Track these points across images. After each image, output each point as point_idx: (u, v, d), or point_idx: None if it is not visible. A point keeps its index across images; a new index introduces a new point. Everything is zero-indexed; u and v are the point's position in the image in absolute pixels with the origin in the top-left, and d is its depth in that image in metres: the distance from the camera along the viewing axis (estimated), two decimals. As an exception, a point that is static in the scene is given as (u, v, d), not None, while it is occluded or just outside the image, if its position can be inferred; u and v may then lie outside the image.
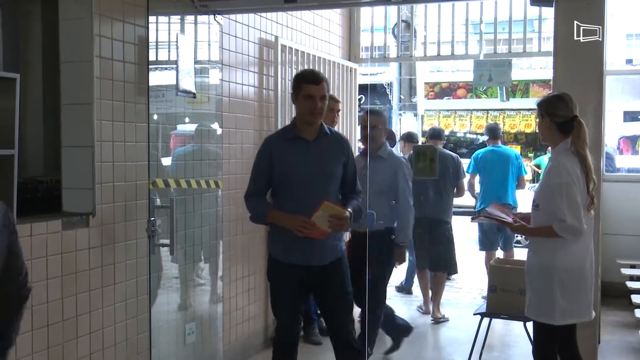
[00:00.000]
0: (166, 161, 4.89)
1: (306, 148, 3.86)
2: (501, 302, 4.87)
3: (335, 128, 6.05)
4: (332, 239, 3.89)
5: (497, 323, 5.38)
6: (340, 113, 5.88)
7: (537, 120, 3.95)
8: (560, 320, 3.71)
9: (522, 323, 4.89)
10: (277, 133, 4.23)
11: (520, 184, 7.73)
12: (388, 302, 5.58)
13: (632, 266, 6.98)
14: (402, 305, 7.17)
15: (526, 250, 3.99)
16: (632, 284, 6.31)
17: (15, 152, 3.21)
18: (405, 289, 7.96)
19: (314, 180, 3.82)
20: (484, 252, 7.84)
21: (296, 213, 3.73)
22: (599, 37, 4.22)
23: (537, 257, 3.78)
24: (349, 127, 7.17)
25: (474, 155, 8.01)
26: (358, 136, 7.51)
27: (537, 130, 4.07)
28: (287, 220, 3.79)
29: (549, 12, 4.58)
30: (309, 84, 3.78)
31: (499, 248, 7.75)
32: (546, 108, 3.82)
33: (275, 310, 4.10)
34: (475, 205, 7.86)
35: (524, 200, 7.84)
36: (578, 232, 3.63)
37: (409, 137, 7.82)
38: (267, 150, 3.92)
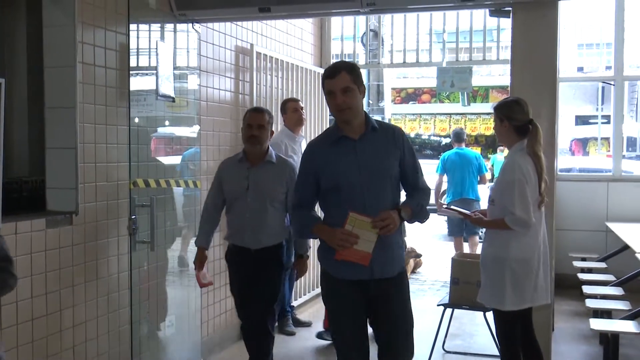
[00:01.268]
0: (176, 160, 5.05)
1: (352, 148, 3.22)
2: (463, 294, 4.90)
3: (304, 130, 6.07)
4: (396, 247, 3.26)
5: (459, 313, 5.40)
6: (304, 111, 5.86)
7: (494, 122, 3.96)
8: (510, 306, 3.75)
9: (482, 313, 4.92)
10: (319, 136, 3.56)
11: (481, 181, 8.30)
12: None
13: (583, 259, 7.06)
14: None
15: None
16: (583, 276, 6.38)
17: (1, 153, 3.15)
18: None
19: (364, 182, 3.17)
20: (451, 244, 8.71)
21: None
22: (553, 46, 4.26)
23: (492, 248, 3.82)
24: (319, 130, 7.15)
25: (441, 157, 8.57)
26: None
27: (494, 132, 4.08)
28: (326, 235, 3.20)
29: (506, 23, 4.61)
30: (327, 79, 3.22)
31: (463, 237, 8.46)
32: (505, 112, 3.85)
33: (337, 339, 3.35)
34: (439, 200, 8.36)
35: (485, 196, 8.08)
36: (526, 224, 3.69)
37: None
38: (310, 157, 3.36)
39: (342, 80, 3.14)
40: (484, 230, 4.08)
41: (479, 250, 8.14)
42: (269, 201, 4.15)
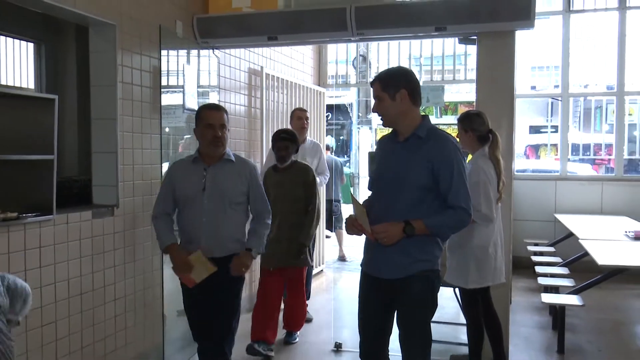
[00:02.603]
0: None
1: (395, 150, 2.75)
2: (436, 273, 4.88)
3: (315, 140, 5.99)
4: (397, 254, 2.67)
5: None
6: (308, 122, 5.74)
7: (459, 133, 3.91)
8: (472, 285, 3.76)
9: (452, 289, 4.92)
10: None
11: None
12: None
13: (536, 244, 7.09)
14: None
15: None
16: (535, 258, 6.40)
17: (55, 157, 3.16)
18: None
19: (390, 185, 2.71)
20: None
21: (375, 218, 2.69)
22: (511, 68, 4.27)
23: (457, 237, 3.76)
24: (318, 139, 7.16)
25: None
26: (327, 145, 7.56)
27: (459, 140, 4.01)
28: None
29: (472, 49, 4.62)
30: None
31: None
32: (468, 124, 3.84)
33: (358, 327, 2.89)
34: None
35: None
36: (489, 219, 3.69)
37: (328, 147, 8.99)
38: (376, 146, 2.94)
39: (374, 89, 2.73)
40: None
41: None
42: (228, 202, 3.20)
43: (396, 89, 2.67)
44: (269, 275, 4.56)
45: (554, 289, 5.37)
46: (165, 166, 4.26)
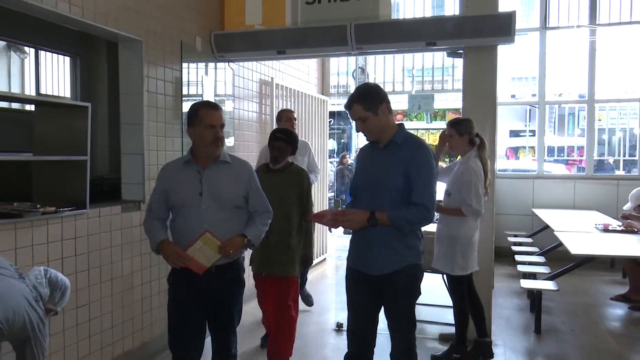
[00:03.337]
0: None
1: (375, 155, 2.64)
2: (426, 261, 4.85)
3: (303, 139, 5.68)
4: (377, 247, 2.57)
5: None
6: (297, 122, 5.21)
7: (452, 137, 3.83)
8: (458, 271, 3.76)
9: (441, 275, 4.91)
10: None
11: None
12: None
13: (515, 235, 7.08)
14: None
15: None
16: (515, 248, 6.39)
17: (88, 158, 3.17)
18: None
19: (370, 188, 2.59)
20: None
21: None
22: (493, 79, 4.26)
23: (446, 229, 3.79)
24: (321, 142, 7.16)
25: None
26: (329, 148, 7.55)
27: (449, 145, 3.95)
28: None
29: (459, 62, 4.61)
30: (346, 109, 2.66)
31: None
32: (464, 128, 3.83)
33: (348, 321, 2.72)
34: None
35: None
36: (479, 213, 3.69)
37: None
38: (357, 156, 2.80)
39: (355, 112, 2.59)
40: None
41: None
42: (228, 207, 2.64)
43: (378, 106, 2.57)
44: (262, 280, 3.72)
45: (532, 276, 5.36)
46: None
